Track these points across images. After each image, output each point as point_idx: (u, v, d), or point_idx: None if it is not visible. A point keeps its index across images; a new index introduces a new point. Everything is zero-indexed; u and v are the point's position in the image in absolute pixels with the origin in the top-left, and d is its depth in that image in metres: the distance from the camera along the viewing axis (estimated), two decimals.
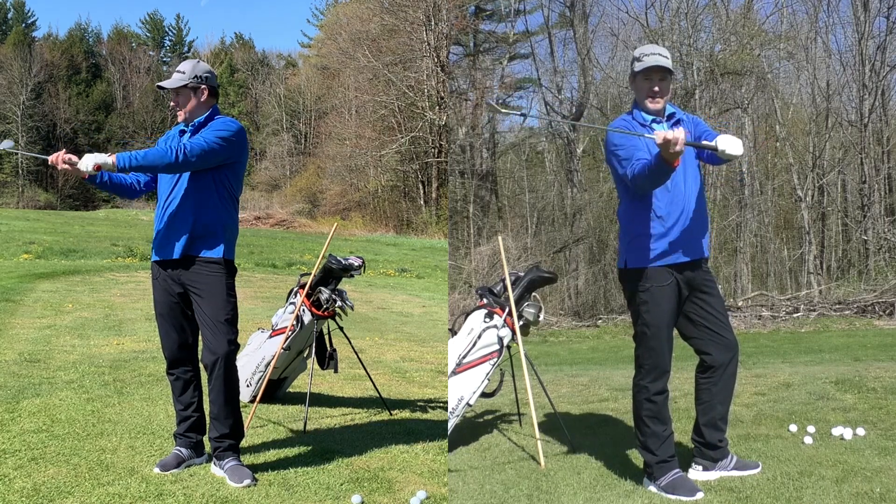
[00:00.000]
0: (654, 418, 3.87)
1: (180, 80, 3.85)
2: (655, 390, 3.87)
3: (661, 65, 3.79)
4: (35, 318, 8.77)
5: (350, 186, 44.38)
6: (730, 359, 3.92)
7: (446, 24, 33.20)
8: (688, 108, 19.08)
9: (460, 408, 4.56)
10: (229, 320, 3.85)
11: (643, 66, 3.81)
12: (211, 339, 3.82)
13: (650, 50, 3.85)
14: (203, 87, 3.88)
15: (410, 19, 37.75)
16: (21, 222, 30.45)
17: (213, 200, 3.85)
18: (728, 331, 3.94)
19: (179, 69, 3.88)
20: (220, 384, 3.84)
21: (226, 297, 3.85)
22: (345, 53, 45.17)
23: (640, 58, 3.85)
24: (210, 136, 3.78)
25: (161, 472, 3.84)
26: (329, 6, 61.29)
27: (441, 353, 8.25)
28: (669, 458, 3.85)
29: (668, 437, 3.89)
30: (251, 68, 64.11)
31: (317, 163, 49.85)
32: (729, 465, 4.00)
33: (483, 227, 21.58)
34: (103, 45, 70.19)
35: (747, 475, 3.96)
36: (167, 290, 3.97)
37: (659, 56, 3.81)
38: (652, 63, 3.79)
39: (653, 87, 3.83)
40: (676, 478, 3.80)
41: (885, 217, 19.30)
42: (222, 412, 3.88)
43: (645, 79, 3.83)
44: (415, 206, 41.28)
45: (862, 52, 18.95)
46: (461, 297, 16.85)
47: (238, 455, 3.91)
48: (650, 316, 3.84)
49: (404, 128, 40.27)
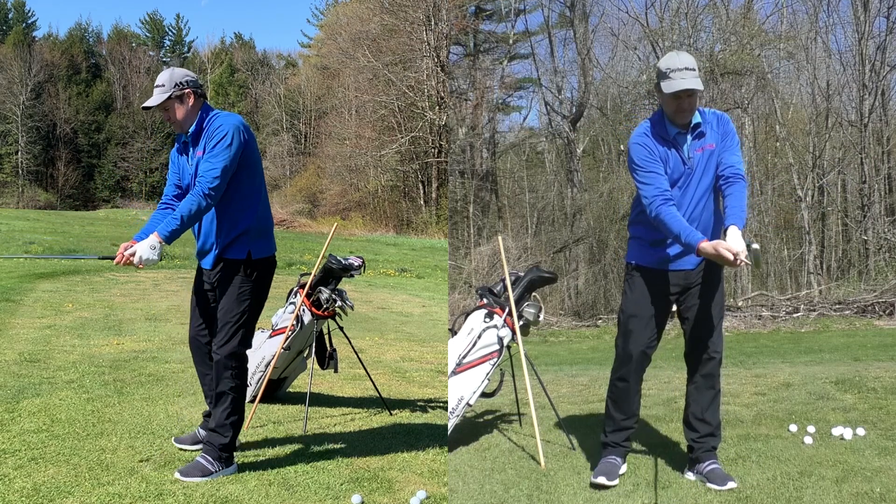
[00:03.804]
0: (614, 402, 4.09)
1: (163, 94, 3.81)
2: (617, 375, 4.07)
3: (691, 88, 3.63)
4: (35, 318, 8.76)
5: (350, 186, 44.40)
6: (706, 362, 3.93)
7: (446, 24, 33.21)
8: None
9: (460, 408, 4.56)
10: (238, 322, 3.88)
11: (672, 91, 3.64)
12: (218, 338, 3.93)
13: (676, 64, 3.65)
14: (188, 92, 3.83)
15: (410, 19, 37.76)
16: (21, 222, 30.46)
17: (230, 208, 3.87)
18: (710, 338, 3.91)
19: (158, 83, 3.84)
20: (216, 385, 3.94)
21: (236, 298, 3.88)
22: (345, 53, 45.19)
23: (668, 74, 3.66)
24: (213, 157, 3.75)
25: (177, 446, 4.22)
26: (329, 6, 61.40)
27: (441, 353, 8.25)
28: (614, 445, 4.07)
29: (625, 427, 4.08)
30: (251, 68, 64.14)
31: (317, 163, 49.87)
32: (703, 471, 3.91)
33: (483, 227, 21.58)
34: (103, 45, 70.23)
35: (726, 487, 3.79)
36: (205, 281, 4.12)
37: (686, 72, 3.63)
38: (680, 88, 3.62)
39: (682, 107, 3.72)
40: (604, 462, 4.03)
41: (885, 217, 19.30)
42: (214, 410, 3.96)
43: (674, 98, 3.69)
44: (415, 206, 41.29)
45: (862, 52, 18.94)
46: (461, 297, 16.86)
47: (213, 453, 3.86)
48: (626, 303, 4.04)
49: (404, 128, 40.28)
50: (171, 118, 3.87)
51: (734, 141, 3.84)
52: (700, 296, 3.93)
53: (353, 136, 43.41)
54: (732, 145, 3.83)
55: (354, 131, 43.60)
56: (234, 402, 3.93)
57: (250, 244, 3.91)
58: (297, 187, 50.82)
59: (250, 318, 3.93)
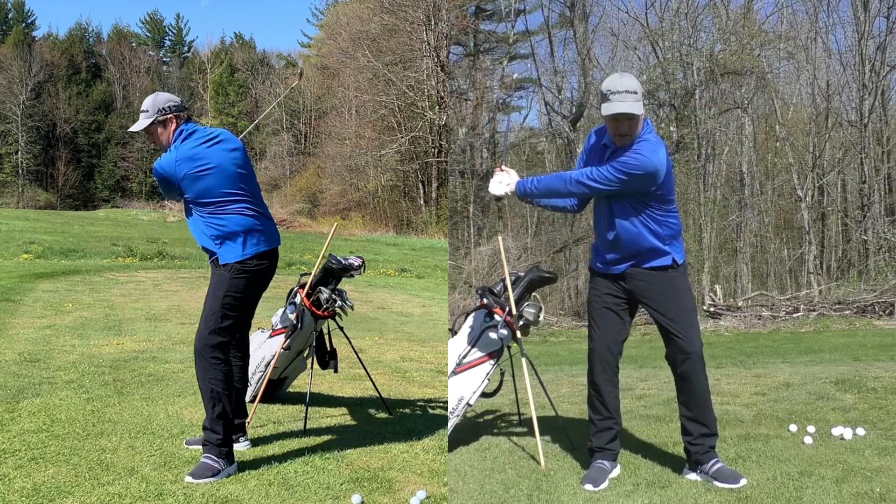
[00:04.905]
0: (590, 405, 4.20)
1: (147, 119, 4.07)
2: (588, 379, 4.21)
3: (625, 112, 3.67)
4: (35, 318, 8.76)
5: (350, 186, 44.39)
6: (682, 362, 3.94)
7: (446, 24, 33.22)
8: (688, 108, 19.11)
9: (460, 408, 4.56)
10: (211, 315, 4.03)
11: (608, 113, 3.70)
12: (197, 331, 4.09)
13: (617, 87, 3.70)
14: (170, 117, 4.09)
15: (410, 19, 37.76)
16: (21, 222, 30.47)
17: (199, 222, 4.12)
18: (680, 337, 3.92)
19: (143, 108, 4.11)
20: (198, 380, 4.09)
21: (212, 293, 4.08)
22: (345, 53, 45.20)
23: (608, 96, 3.71)
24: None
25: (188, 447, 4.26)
26: (329, 6, 61.42)
27: (441, 353, 8.24)
28: (599, 449, 4.13)
29: (605, 428, 4.14)
30: (251, 68, 64.11)
31: (317, 163, 49.87)
32: (709, 471, 3.92)
33: (483, 227, 21.59)
34: (103, 44, 70.21)
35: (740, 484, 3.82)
36: None
37: (626, 95, 3.67)
38: (616, 111, 3.68)
39: (620, 130, 3.78)
40: (592, 468, 4.08)
41: (885, 217, 19.31)
42: (204, 405, 4.03)
43: (612, 121, 3.76)
44: (415, 206, 41.29)
45: (862, 52, 18.96)
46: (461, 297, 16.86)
47: (215, 451, 3.89)
48: (588, 307, 4.28)
49: (404, 128, 40.28)
50: (155, 141, 4.15)
51: (624, 155, 3.78)
52: (661, 297, 3.98)
53: (353, 135, 43.41)
54: (619, 158, 3.80)
55: (354, 131, 43.61)
56: (214, 395, 3.96)
57: (222, 250, 4.10)
58: (297, 187, 50.82)
59: (227, 313, 4.04)
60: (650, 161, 3.73)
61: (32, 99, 59.86)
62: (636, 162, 3.74)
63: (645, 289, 4.03)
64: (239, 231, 4.08)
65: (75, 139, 63.30)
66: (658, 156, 3.75)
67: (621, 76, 3.78)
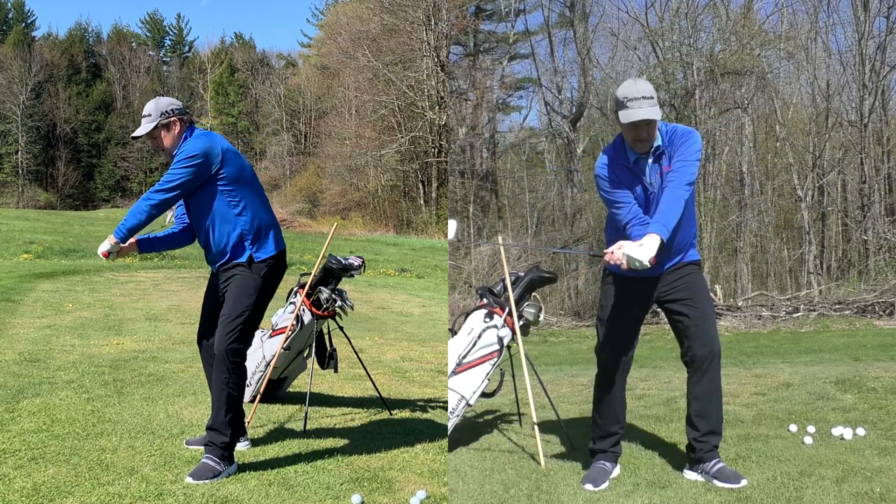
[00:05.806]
0: (598, 409, 4.21)
1: (150, 123, 4.04)
2: (598, 382, 4.20)
3: (647, 118, 3.63)
4: (35, 318, 8.77)
5: (350, 186, 44.39)
6: (707, 359, 3.92)
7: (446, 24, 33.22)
8: (687, 108, 19.09)
9: (460, 408, 4.56)
10: (237, 319, 3.94)
11: (629, 121, 3.65)
12: (218, 334, 4.00)
13: (634, 93, 3.65)
14: (174, 120, 4.04)
15: (410, 19, 37.76)
16: (21, 222, 30.43)
17: (217, 219, 4.03)
18: (701, 336, 3.91)
19: (145, 113, 4.07)
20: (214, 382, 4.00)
21: (237, 296, 3.99)
22: (345, 53, 45.19)
23: (626, 103, 3.65)
24: (174, 167, 3.98)
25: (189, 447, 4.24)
26: (329, 6, 61.39)
27: (441, 353, 8.24)
28: (600, 451, 4.13)
29: (612, 433, 4.14)
30: (251, 68, 64.07)
31: (317, 163, 49.86)
32: (710, 471, 3.92)
33: (483, 227, 21.59)
34: (103, 44, 70.19)
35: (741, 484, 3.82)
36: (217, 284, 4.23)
37: (643, 101, 3.63)
38: (637, 119, 3.63)
39: (640, 136, 3.74)
40: (593, 468, 4.09)
41: (885, 217, 19.30)
42: (213, 406, 3.99)
43: (632, 127, 3.71)
44: (415, 206, 41.28)
45: (862, 52, 18.95)
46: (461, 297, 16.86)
47: (217, 453, 3.88)
48: (601, 311, 4.15)
49: (404, 128, 40.28)
50: (159, 146, 4.09)
51: (685, 152, 3.77)
52: (682, 297, 3.96)
53: (353, 135, 43.41)
54: (682, 156, 3.77)
55: (354, 131, 43.60)
56: (230, 400, 3.94)
57: (249, 247, 4.04)
58: (297, 187, 50.81)
59: (251, 316, 3.99)
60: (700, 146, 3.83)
61: (32, 99, 59.84)
62: (700, 149, 3.83)
63: (677, 287, 3.96)
64: (269, 225, 4.12)
65: (75, 139, 63.28)
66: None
67: (636, 81, 3.72)
